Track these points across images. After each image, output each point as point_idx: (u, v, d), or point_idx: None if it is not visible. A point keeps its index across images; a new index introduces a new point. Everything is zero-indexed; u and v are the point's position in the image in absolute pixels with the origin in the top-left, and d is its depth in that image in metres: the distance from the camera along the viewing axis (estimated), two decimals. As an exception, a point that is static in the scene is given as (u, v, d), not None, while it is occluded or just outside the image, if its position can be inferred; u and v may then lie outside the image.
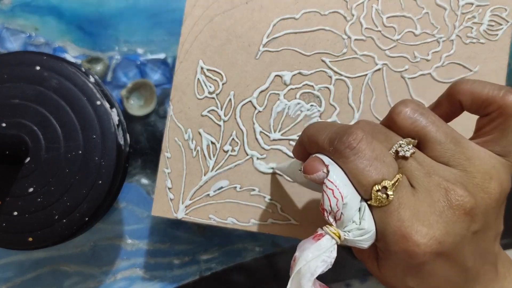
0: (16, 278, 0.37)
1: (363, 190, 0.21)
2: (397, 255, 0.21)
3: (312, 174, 0.22)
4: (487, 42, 0.31)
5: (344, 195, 0.20)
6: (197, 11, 0.31)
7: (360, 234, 0.21)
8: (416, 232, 0.20)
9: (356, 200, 0.21)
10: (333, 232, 0.21)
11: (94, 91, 0.29)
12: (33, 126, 0.29)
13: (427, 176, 0.21)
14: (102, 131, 0.29)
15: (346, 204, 0.20)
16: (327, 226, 0.21)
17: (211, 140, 0.31)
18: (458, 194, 0.20)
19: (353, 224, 0.21)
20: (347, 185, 0.21)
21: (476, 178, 0.21)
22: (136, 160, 0.37)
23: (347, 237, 0.21)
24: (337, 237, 0.21)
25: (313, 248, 0.21)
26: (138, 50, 0.37)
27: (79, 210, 0.29)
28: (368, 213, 0.21)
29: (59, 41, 0.37)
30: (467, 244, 0.21)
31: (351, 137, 0.21)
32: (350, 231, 0.21)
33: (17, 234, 0.29)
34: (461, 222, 0.21)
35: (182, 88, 0.31)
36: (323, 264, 0.20)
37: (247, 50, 0.31)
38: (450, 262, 0.21)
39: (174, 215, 0.31)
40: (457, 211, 0.20)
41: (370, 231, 0.21)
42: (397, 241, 0.21)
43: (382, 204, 0.21)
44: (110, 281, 0.37)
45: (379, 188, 0.20)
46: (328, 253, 0.21)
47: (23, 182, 0.29)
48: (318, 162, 0.22)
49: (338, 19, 0.31)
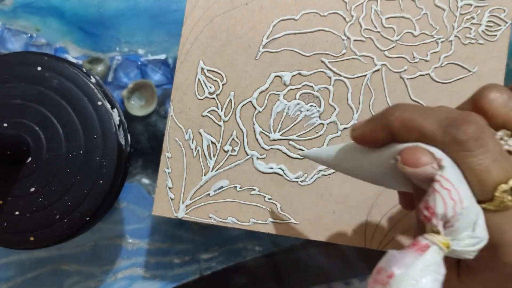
0: (17, 277, 0.37)
1: (484, 191, 0.18)
2: (505, 268, 0.18)
3: (416, 167, 0.18)
4: (486, 42, 0.32)
5: (464, 197, 0.17)
6: (198, 12, 0.31)
7: (473, 243, 0.17)
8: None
9: (475, 203, 0.17)
10: (442, 242, 0.17)
11: (95, 92, 0.29)
12: (34, 126, 0.29)
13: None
14: (103, 131, 0.29)
15: (466, 208, 0.17)
16: (432, 235, 0.17)
17: (212, 140, 0.31)
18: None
19: (467, 232, 0.17)
20: (464, 185, 0.17)
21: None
22: (137, 160, 0.37)
23: (456, 247, 0.17)
24: (446, 247, 0.17)
25: (420, 263, 0.17)
26: (139, 51, 0.37)
27: (80, 210, 0.29)
28: (482, 219, 0.18)
29: (60, 41, 0.37)
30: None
31: (473, 126, 0.17)
32: (461, 240, 0.17)
33: (18, 233, 0.29)
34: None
35: (183, 89, 0.32)
36: (434, 283, 0.16)
37: (247, 51, 0.32)
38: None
39: (175, 215, 0.31)
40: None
41: (484, 239, 0.17)
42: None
43: (507, 208, 0.17)
44: (111, 281, 0.37)
45: (506, 189, 0.17)
46: (435, 267, 0.17)
47: (24, 182, 0.29)
48: (425, 154, 0.18)
49: (338, 20, 0.32)
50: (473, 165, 0.17)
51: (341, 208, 0.31)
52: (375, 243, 0.31)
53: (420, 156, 0.18)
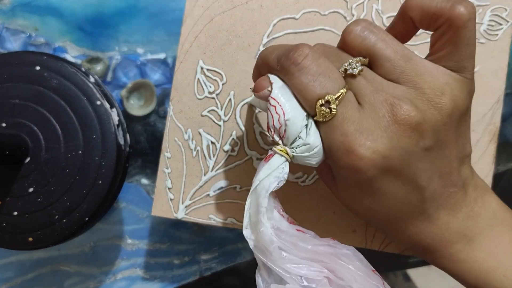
0: (17, 278, 0.37)
1: (308, 105, 0.21)
2: (344, 171, 0.21)
3: (259, 92, 0.22)
4: (487, 42, 0.31)
5: (287, 111, 0.21)
6: (197, 11, 0.31)
7: (306, 149, 0.21)
8: (359, 146, 0.20)
9: (300, 116, 0.21)
10: (280, 150, 0.22)
11: (94, 91, 0.29)
12: (33, 126, 0.29)
13: (375, 92, 0.21)
14: (102, 131, 0.29)
15: (289, 119, 0.21)
16: (275, 146, 0.22)
17: (211, 140, 0.31)
18: (404, 108, 0.20)
19: (299, 140, 0.21)
20: (292, 102, 0.21)
21: (426, 94, 0.21)
22: (136, 160, 0.37)
23: (294, 153, 0.21)
24: (285, 154, 0.21)
25: (265, 168, 0.21)
26: (138, 50, 0.37)
27: (79, 210, 0.29)
28: (314, 128, 0.21)
29: (59, 41, 0.37)
30: (418, 161, 0.21)
31: (296, 53, 0.21)
32: (297, 147, 0.21)
33: (17, 234, 0.29)
34: (407, 137, 0.20)
35: (182, 88, 0.31)
36: (275, 180, 0.21)
37: (247, 50, 0.31)
38: (401, 179, 0.21)
39: (174, 215, 0.31)
40: (402, 125, 0.20)
41: (315, 146, 0.21)
42: (341, 156, 0.21)
43: (326, 118, 0.21)
44: (110, 281, 0.37)
45: (323, 103, 0.20)
46: (280, 169, 0.21)
47: (23, 182, 0.29)
48: (265, 80, 0.22)
49: (338, 19, 0.31)
50: (295, 85, 0.21)
51: (341, 208, 0.31)
52: (376, 243, 0.31)
53: (261, 83, 0.22)
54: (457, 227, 0.23)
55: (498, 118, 0.31)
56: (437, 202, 0.22)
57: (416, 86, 0.21)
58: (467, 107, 0.22)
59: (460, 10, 0.20)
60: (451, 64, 0.22)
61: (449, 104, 0.21)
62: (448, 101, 0.21)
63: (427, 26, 0.22)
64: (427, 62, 0.22)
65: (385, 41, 0.21)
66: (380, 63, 0.21)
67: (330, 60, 0.22)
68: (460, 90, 0.21)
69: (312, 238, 0.22)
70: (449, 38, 0.21)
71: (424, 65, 0.21)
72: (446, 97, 0.21)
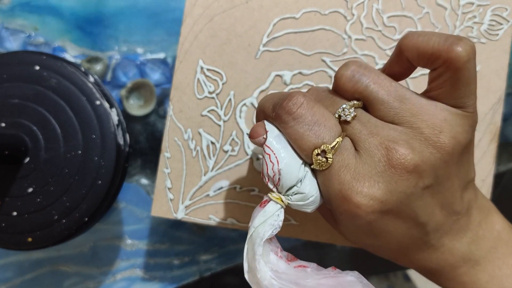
0: (16, 278, 0.37)
1: (305, 155, 0.21)
2: (344, 217, 0.21)
3: (254, 138, 0.22)
4: (488, 41, 0.31)
5: (281, 160, 0.21)
6: (197, 10, 0.31)
7: (302, 198, 0.21)
8: (356, 193, 0.20)
9: (296, 164, 0.21)
10: (275, 197, 0.21)
11: (94, 91, 0.29)
12: (32, 126, 0.29)
13: (370, 136, 0.21)
14: (101, 131, 0.29)
15: (282, 169, 0.21)
16: (270, 193, 0.22)
17: (211, 140, 0.31)
18: (399, 152, 0.20)
19: (295, 188, 0.21)
20: (287, 150, 0.21)
21: (424, 133, 0.20)
22: (136, 160, 0.37)
23: (289, 201, 0.21)
24: (280, 202, 0.21)
25: (260, 215, 0.21)
26: (137, 50, 0.37)
27: (79, 210, 0.29)
28: (310, 177, 0.21)
29: (59, 40, 0.37)
30: (418, 200, 0.21)
31: (291, 102, 0.21)
32: (292, 195, 0.21)
33: (16, 234, 0.29)
34: (404, 180, 0.20)
35: (182, 88, 0.31)
36: (270, 228, 0.21)
37: (247, 50, 0.31)
38: (401, 217, 0.21)
39: (174, 216, 0.31)
40: (399, 169, 0.20)
41: (311, 195, 0.21)
42: (340, 204, 0.21)
43: (323, 167, 0.21)
44: (110, 282, 0.37)
45: (319, 152, 0.20)
46: (274, 217, 0.21)
47: (22, 182, 0.28)
48: (260, 126, 0.22)
49: (339, 19, 0.31)
50: (290, 135, 0.21)
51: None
52: (376, 244, 0.31)
53: (257, 130, 0.22)
54: (461, 252, 0.23)
55: (499, 118, 0.31)
56: (440, 231, 0.22)
57: (413, 126, 0.21)
58: (469, 140, 0.22)
59: (458, 51, 0.20)
60: (451, 101, 0.21)
61: (448, 142, 0.20)
62: (447, 139, 0.20)
63: (424, 66, 0.22)
64: (424, 99, 0.21)
65: (377, 83, 0.21)
66: (375, 106, 0.21)
67: (325, 105, 0.22)
68: (461, 125, 0.21)
69: (313, 273, 0.21)
70: (447, 78, 0.21)
71: (421, 104, 0.21)
72: (445, 135, 0.20)
